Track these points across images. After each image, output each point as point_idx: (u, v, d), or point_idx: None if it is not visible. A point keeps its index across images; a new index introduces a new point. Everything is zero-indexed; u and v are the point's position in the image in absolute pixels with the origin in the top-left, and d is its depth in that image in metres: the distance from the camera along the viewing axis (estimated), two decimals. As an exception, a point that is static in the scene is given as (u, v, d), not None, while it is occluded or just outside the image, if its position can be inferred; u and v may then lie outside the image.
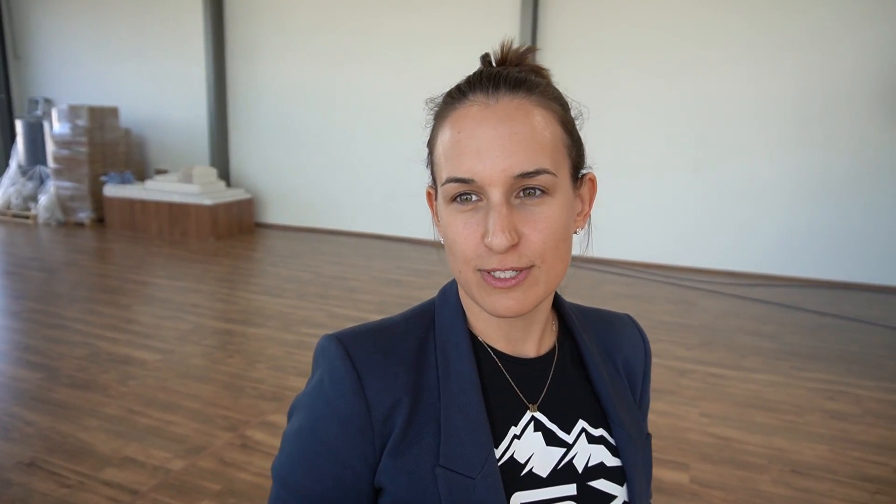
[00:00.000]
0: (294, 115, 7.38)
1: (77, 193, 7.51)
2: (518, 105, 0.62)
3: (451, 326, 0.71)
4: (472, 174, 0.61)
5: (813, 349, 3.97)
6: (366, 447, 0.66)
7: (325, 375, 0.67)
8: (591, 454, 0.72)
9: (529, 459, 0.69)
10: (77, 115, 7.35)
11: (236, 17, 7.49)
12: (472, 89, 0.64)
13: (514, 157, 0.60)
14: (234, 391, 3.18)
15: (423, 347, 0.70)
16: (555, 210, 0.62)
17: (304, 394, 0.70)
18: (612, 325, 0.85)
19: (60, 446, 2.60)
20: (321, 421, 0.67)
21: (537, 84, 0.64)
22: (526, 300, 0.63)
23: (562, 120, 0.65)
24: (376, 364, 0.67)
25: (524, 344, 0.73)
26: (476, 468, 0.64)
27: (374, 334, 0.70)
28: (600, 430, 0.74)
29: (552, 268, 0.64)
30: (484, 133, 0.61)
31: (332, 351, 0.67)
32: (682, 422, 2.96)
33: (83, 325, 4.09)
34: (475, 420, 0.66)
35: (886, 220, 5.31)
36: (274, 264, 6.03)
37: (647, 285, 5.45)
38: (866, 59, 5.16)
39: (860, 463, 2.64)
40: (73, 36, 8.50)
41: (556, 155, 0.63)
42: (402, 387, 0.66)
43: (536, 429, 0.70)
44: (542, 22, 6.10)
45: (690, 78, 5.68)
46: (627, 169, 5.98)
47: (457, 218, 0.63)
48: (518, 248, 0.61)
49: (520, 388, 0.71)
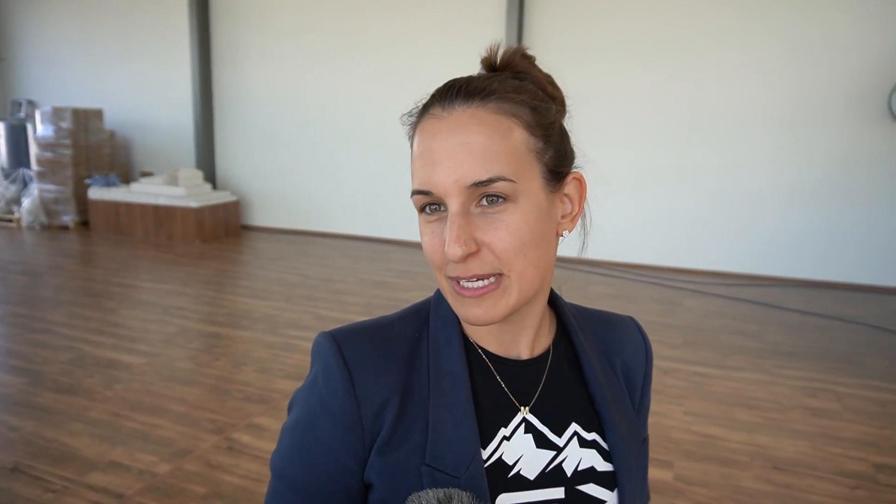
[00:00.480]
0: (280, 117, 7.37)
1: (61, 196, 7.44)
2: (472, 114, 0.62)
3: (445, 327, 0.72)
4: (428, 185, 0.62)
5: (795, 347, 4.03)
6: (356, 443, 0.67)
7: (319, 372, 0.69)
8: (581, 458, 0.72)
9: (518, 461, 0.69)
10: (61, 117, 7.29)
11: (222, 18, 7.46)
12: (433, 102, 0.65)
13: (464, 167, 0.60)
14: (220, 394, 3.17)
15: (416, 346, 0.71)
16: (517, 216, 0.62)
17: (302, 389, 0.72)
18: (614, 328, 0.84)
19: (45, 451, 2.59)
20: (314, 417, 0.68)
21: (495, 90, 0.63)
22: (495, 309, 0.63)
23: (528, 124, 0.64)
24: (368, 362, 0.68)
25: (516, 345, 0.73)
26: (461, 468, 0.65)
27: (368, 333, 0.71)
28: (593, 434, 0.74)
29: (522, 275, 0.63)
30: (437, 145, 0.62)
31: (325, 348, 0.69)
32: (666, 420, 2.99)
33: (67, 328, 4.06)
34: (463, 420, 0.67)
35: (866, 220, 5.40)
36: (260, 267, 6.01)
37: (632, 285, 5.50)
38: (846, 62, 5.24)
39: (840, 459, 2.68)
40: (57, 37, 8.43)
41: (517, 161, 0.62)
42: (393, 385, 0.68)
43: (527, 431, 0.71)
44: (527, 23, 6.14)
45: (676, 79, 5.74)
46: (613, 170, 6.02)
47: (426, 227, 0.65)
48: (479, 255, 0.62)
49: (511, 389, 0.72)
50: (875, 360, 3.83)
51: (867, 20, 5.13)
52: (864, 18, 5.14)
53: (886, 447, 2.79)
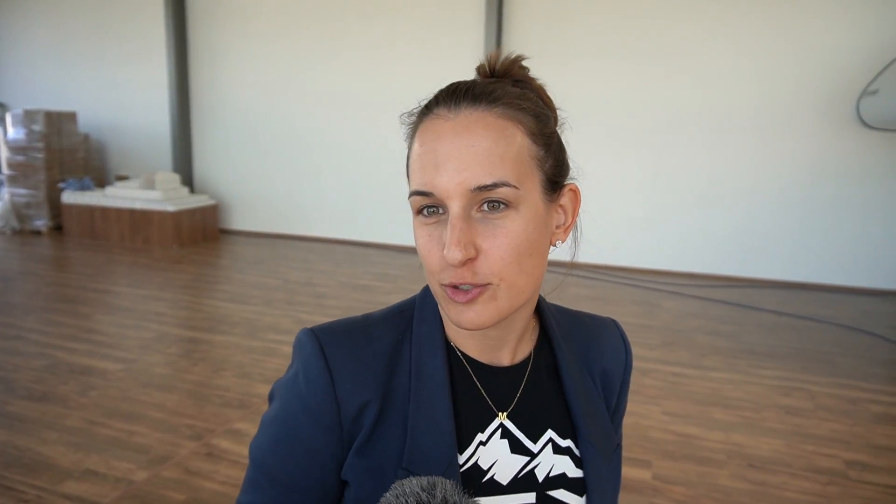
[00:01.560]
0: (258, 119, 7.31)
1: (33, 200, 7.29)
2: (478, 118, 0.62)
3: (428, 331, 0.72)
4: (431, 187, 0.61)
5: (769, 347, 4.11)
6: (334, 443, 0.68)
7: (300, 370, 0.69)
8: (554, 464, 0.73)
9: (492, 466, 0.70)
10: (33, 119, 7.15)
11: (199, 19, 7.39)
12: (437, 103, 0.65)
13: (470, 171, 0.60)
14: (199, 399, 3.14)
15: (398, 349, 0.71)
16: (518, 224, 0.62)
17: (282, 382, 0.72)
18: (596, 332, 0.84)
19: (17, 460, 2.53)
20: (294, 413, 0.69)
21: (501, 96, 0.63)
22: (485, 314, 0.63)
23: (531, 132, 0.64)
24: (349, 364, 0.68)
25: (498, 352, 0.74)
26: (437, 472, 0.65)
27: (350, 332, 0.71)
28: (568, 441, 0.74)
29: (513, 285, 0.63)
30: (442, 147, 0.61)
31: (307, 346, 0.69)
32: (644, 420, 3.03)
33: (40, 335, 3.98)
34: (441, 424, 0.67)
35: (837, 223, 5.53)
36: (240, 271, 5.96)
37: (610, 287, 5.55)
38: (816, 68, 5.37)
39: (813, 456, 2.74)
40: (29, 38, 8.27)
41: (520, 167, 0.62)
42: (373, 387, 0.68)
43: (503, 436, 0.71)
44: (506, 28, 6.19)
45: (652, 84, 5.82)
46: (590, 173, 6.03)
47: (422, 230, 0.64)
48: (475, 263, 0.61)
49: (490, 395, 0.72)
50: (846, 359, 3.92)
51: (837, 27, 5.27)
52: (834, 25, 5.27)
53: (857, 444, 2.86)
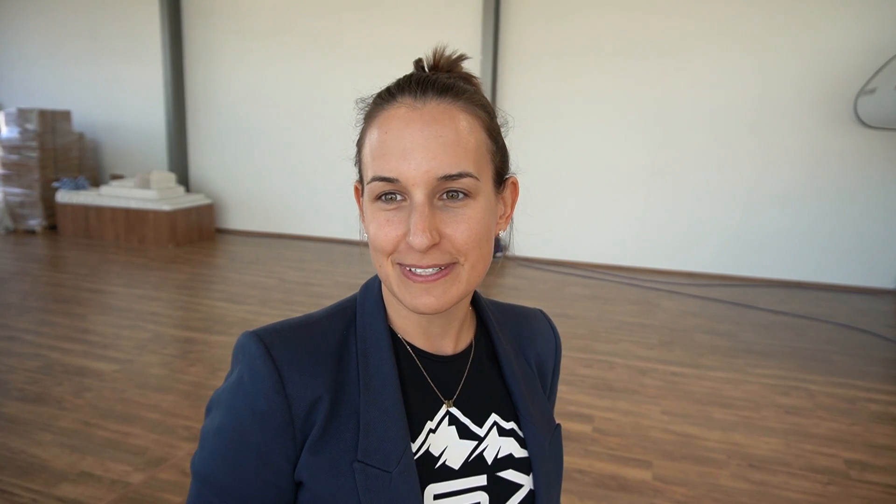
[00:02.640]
0: (254, 118, 7.28)
1: (27, 200, 7.24)
2: (444, 109, 0.64)
3: (372, 323, 0.73)
4: (396, 174, 0.62)
5: (767, 346, 4.11)
6: (286, 443, 0.67)
7: (244, 372, 0.68)
8: (500, 446, 0.75)
9: (443, 452, 0.72)
10: (27, 118, 7.10)
11: (194, 18, 7.35)
12: (401, 92, 0.65)
13: (437, 160, 0.61)
14: (195, 400, 3.11)
15: (343, 344, 0.71)
16: (476, 212, 0.64)
17: (223, 390, 0.70)
18: (527, 321, 0.88)
19: (11, 463, 2.50)
20: (241, 418, 0.67)
21: (464, 90, 0.66)
22: (446, 296, 0.65)
23: (487, 126, 0.67)
24: (297, 361, 0.67)
25: (442, 341, 0.75)
26: (393, 462, 0.66)
27: (294, 331, 0.70)
28: (511, 424, 0.77)
29: (475, 266, 0.66)
30: (410, 135, 0.62)
31: (252, 348, 0.68)
32: (644, 420, 3.02)
33: (35, 336, 3.95)
34: (393, 416, 0.68)
35: (834, 221, 5.54)
36: (236, 270, 5.93)
37: (608, 286, 5.55)
38: (814, 67, 5.38)
39: (812, 455, 2.74)
40: (23, 36, 8.20)
41: (479, 159, 0.65)
42: (323, 383, 0.68)
43: (451, 423, 0.73)
44: (503, 28, 6.17)
45: (649, 82, 5.82)
46: (587, 172, 6.08)
47: (380, 215, 0.65)
48: (440, 245, 0.63)
49: (436, 384, 0.74)
50: (844, 358, 3.92)
51: (835, 25, 5.27)
52: (833, 24, 5.28)
53: (856, 443, 2.85)
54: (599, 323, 4.50)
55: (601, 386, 3.39)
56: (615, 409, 3.12)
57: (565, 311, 4.76)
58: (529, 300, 4.96)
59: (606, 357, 3.82)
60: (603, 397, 3.25)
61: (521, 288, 5.46)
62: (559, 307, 4.85)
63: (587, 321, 4.53)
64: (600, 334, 4.25)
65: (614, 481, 2.49)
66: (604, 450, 2.72)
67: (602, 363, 3.71)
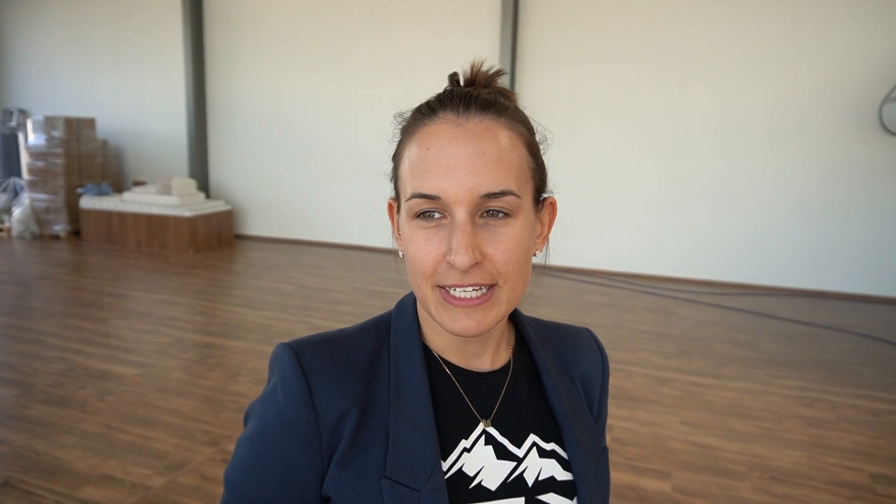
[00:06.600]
0: (274, 126, 7.36)
1: (52, 205, 7.39)
2: (487, 126, 0.63)
3: (406, 339, 0.72)
4: (438, 191, 0.61)
5: (788, 357, 4.04)
6: (313, 456, 0.66)
7: (277, 383, 0.68)
8: (541, 468, 0.72)
9: (479, 473, 0.69)
10: (53, 126, 7.25)
11: (216, 27, 7.46)
12: (443, 107, 0.64)
13: (480, 177, 0.60)
14: (214, 405, 3.15)
15: (376, 358, 0.70)
16: (517, 231, 0.63)
17: (259, 400, 0.71)
18: (572, 340, 0.85)
19: (36, 465, 2.55)
20: (271, 428, 0.68)
21: (506, 107, 0.65)
22: (486, 320, 0.64)
23: (528, 143, 0.66)
24: (327, 374, 0.67)
25: (479, 358, 0.73)
26: (421, 481, 0.64)
27: (327, 344, 0.70)
28: (552, 445, 0.74)
29: (514, 288, 0.65)
30: (453, 151, 0.61)
31: (284, 359, 0.68)
32: (663, 430, 2.99)
33: (59, 339, 4.02)
34: (423, 432, 0.67)
35: (859, 229, 5.45)
36: (255, 276, 5.99)
37: (626, 295, 5.51)
38: (837, 74, 5.31)
39: (836, 469, 2.69)
40: (49, 45, 8.40)
41: (521, 177, 0.64)
42: (352, 397, 0.67)
43: (487, 442, 0.71)
44: (521, 37, 6.18)
45: (668, 90, 5.78)
46: (607, 179, 6.05)
47: (419, 233, 0.63)
48: (481, 265, 0.62)
49: (472, 401, 0.72)
50: (867, 370, 3.85)
51: (853, 34, 5.20)
52: (850, 32, 5.21)
53: (882, 457, 2.80)
54: (617, 331, 4.47)
55: (619, 395, 3.36)
56: (634, 419, 3.09)
57: (583, 319, 4.73)
58: (548, 308, 4.94)
59: (624, 366, 3.79)
60: (621, 407, 3.22)
61: (540, 296, 5.44)
62: (577, 315, 4.82)
63: (605, 330, 4.50)
64: (618, 343, 4.22)
65: (633, 492, 2.47)
66: (622, 460, 2.70)
67: (620, 372, 3.68)
